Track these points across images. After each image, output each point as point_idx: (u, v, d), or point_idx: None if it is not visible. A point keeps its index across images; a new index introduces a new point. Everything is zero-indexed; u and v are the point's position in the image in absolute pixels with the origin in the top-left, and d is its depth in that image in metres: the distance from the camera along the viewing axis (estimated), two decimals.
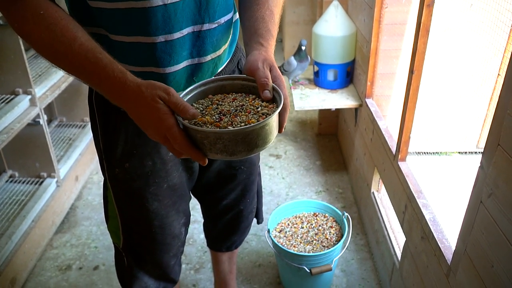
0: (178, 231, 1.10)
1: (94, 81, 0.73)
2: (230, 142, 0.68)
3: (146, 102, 0.70)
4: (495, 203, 0.84)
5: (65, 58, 0.71)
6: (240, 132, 0.67)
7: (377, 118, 1.78)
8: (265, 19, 0.88)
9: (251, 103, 0.76)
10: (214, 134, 0.68)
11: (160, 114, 0.70)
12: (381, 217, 1.71)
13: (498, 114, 0.82)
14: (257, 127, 0.68)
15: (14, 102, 1.74)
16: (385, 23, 1.73)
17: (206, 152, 0.71)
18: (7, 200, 1.89)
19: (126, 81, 0.71)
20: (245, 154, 0.70)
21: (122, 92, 0.71)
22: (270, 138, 0.72)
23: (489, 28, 1.20)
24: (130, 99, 0.71)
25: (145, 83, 0.71)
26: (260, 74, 0.76)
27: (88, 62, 0.70)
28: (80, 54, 0.70)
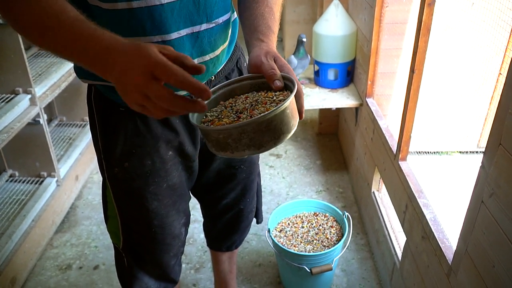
0: (178, 231, 1.10)
1: (80, 47, 0.65)
2: (256, 134, 0.65)
3: (138, 45, 0.62)
4: (497, 203, 0.84)
5: (50, 30, 0.66)
6: (263, 120, 0.64)
7: (378, 117, 1.77)
8: (265, 16, 0.87)
9: (264, 96, 0.75)
10: (236, 129, 0.64)
11: (151, 50, 0.61)
12: (381, 217, 1.71)
13: (499, 113, 0.82)
14: (278, 111, 0.65)
15: (14, 102, 1.74)
16: (386, 22, 1.72)
17: (233, 151, 0.67)
18: (7, 200, 1.89)
19: (118, 38, 0.65)
20: (273, 144, 0.67)
21: (111, 46, 0.63)
22: (293, 123, 0.70)
23: (490, 27, 1.19)
24: (119, 49, 0.63)
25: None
26: (266, 67, 0.75)
27: (76, 28, 0.65)
28: (67, 23, 0.65)
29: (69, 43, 0.66)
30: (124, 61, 0.62)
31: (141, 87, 0.61)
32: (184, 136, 0.98)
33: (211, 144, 0.71)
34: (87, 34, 0.64)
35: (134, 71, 0.61)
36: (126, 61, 0.62)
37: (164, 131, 0.94)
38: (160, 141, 0.95)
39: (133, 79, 0.61)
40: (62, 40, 0.66)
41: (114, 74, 0.63)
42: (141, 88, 0.61)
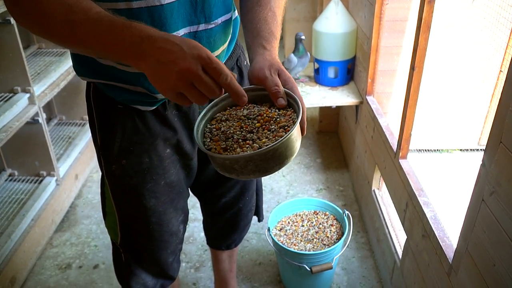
0: (176, 228, 1.09)
1: (112, 40, 0.66)
2: (262, 162, 0.68)
3: (181, 38, 0.65)
4: (497, 201, 0.83)
5: (79, 26, 0.67)
6: (269, 150, 0.67)
7: (378, 115, 1.76)
8: (268, 20, 0.87)
9: (267, 114, 0.76)
10: (243, 158, 0.68)
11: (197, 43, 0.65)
12: (382, 215, 1.70)
13: (500, 111, 0.81)
14: (284, 139, 0.68)
15: (12, 101, 1.73)
16: (386, 20, 1.71)
17: (238, 175, 0.70)
18: (6, 199, 1.89)
19: (155, 29, 0.66)
20: (278, 168, 0.71)
21: (149, 34, 0.65)
22: (297, 146, 0.73)
23: (491, 24, 1.18)
24: (159, 38, 0.65)
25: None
26: (270, 83, 0.75)
27: (105, 22, 0.66)
28: (95, 19, 0.66)
29: (101, 36, 0.67)
30: (172, 50, 0.64)
31: (191, 75, 0.64)
32: (182, 134, 0.97)
33: (216, 165, 0.74)
34: (121, 24, 0.66)
35: (186, 59, 0.63)
36: (178, 49, 0.64)
37: (162, 129, 0.94)
38: (158, 138, 0.94)
39: (184, 66, 0.63)
40: (93, 34, 0.67)
41: (152, 61, 0.65)
42: (191, 76, 0.64)
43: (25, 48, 2.18)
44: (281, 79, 0.77)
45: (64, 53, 2.19)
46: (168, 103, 0.93)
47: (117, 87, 0.88)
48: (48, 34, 0.71)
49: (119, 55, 0.68)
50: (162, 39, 0.65)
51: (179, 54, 0.64)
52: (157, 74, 0.65)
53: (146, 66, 0.65)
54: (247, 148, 0.70)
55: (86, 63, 0.87)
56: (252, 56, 0.83)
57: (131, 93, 0.88)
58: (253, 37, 0.85)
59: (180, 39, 0.65)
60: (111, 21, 0.66)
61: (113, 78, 0.87)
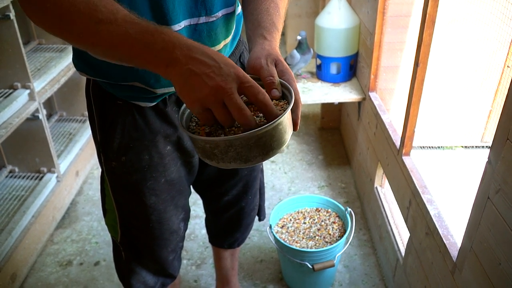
0: (176, 226, 1.08)
1: (143, 39, 0.63)
2: (243, 148, 0.64)
3: (215, 52, 0.63)
4: (503, 199, 0.82)
5: (106, 26, 0.64)
6: (251, 136, 0.63)
7: (381, 112, 1.75)
8: (270, 11, 0.85)
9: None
10: (224, 142, 0.63)
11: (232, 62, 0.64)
12: (384, 213, 1.69)
13: (507, 107, 0.80)
14: (269, 128, 0.63)
15: (12, 97, 1.72)
16: (389, 15, 1.70)
17: (218, 162, 0.66)
18: (7, 196, 1.88)
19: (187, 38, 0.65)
20: (261, 159, 0.66)
21: (182, 39, 0.63)
22: (285, 138, 0.68)
23: (497, 19, 1.17)
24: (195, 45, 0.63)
25: None
26: (265, 72, 0.72)
27: (138, 22, 0.64)
28: (124, 20, 0.64)
29: (130, 38, 0.63)
30: (208, 64, 0.61)
31: (225, 93, 0.61)
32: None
33: (197, 150, 0.70)
34: (153, 28, 0.63)
35: (223, 76, 0.61)
36: (214, 64, 0.61)
37: (163, 125, 0.93)
38: (158, 135, 0.93)
39: (221, 82, 0.60)
40: (121, 36, 0.64)
41: (184, 70, 0.62)
42: (225, 94, 0.61)
43: (25, 43, 2.17)
44: (277, 70, 0.74)
45: (64, 49, 2.17)
46: (169, 99, 0.91)
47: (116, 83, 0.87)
48: (67, 32, 0.67)
49: (147, 60, 0.64)
50: (198, 49, 0.62)
51: (216, 69, 0.61)
52: (189, 84, 0.62)
53: (177, 74, 0.62)
54: (231, 134, 0.66)
55: (85, 59, 0.86)
56: (252, 46, 0.80)
57: (130, 89, 0.87)
58: (254, 28, 0.83)
59: (216, 53, 0.63)
60: (141, 24, 0.64)
61: (110, 75, 0.85)
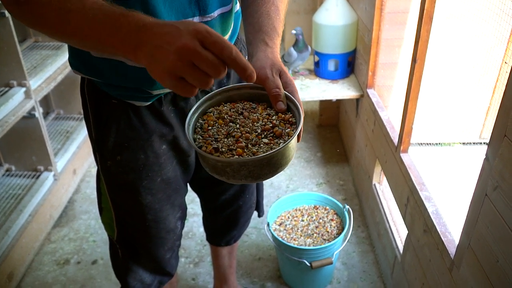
0: (173, 225, 1.08)
1: (108, 29, 0.62)
2: (255, 168, 0.66)
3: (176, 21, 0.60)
4: (501, 196, 0.81)
5: (74, 16, 0.63)
6: (265, 157, 0.65)
7: (379, 108, 1.74)
8: (271, 15, 0.84)
9: (262, 115, 0.73)
10: (238, 163, 0.65)
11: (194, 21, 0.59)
12: (382, 210, 1.69)
13: (504, 104, 0.79)
14: (281, 149, 0.66)
15: (8, 95, 1.71)
16: (387, 12, 1.69)
17: (229, 178, 0.67)
18: (3, 194, 1.87)
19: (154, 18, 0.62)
20: (271, 175, 0.68)
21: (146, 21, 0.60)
22: (292, 154, 0.70)
23: (495, 15, 1.16)
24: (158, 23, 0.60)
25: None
26: (271, 84, 0.71)
27: (105, 8, 0.63)
28: (92, 8, 0.63)
29: (97, 24, 0.62)
30: (167, 31, 0.58)
31: (190, 52, 0.56)
32: (179, 130, 0.95)
33: (206, 166, 0.70)
34: (119, 13, 0.62)
35: (182, 36, 0.56)
36: (173, 29, 0.58)
37: (158, 125, 0.92)
38: (153, 135, 0.92)
39: (180, 43, 0.56)
40: (89, 22, 0.62)
41: (148, 48, 0.59)
42: (189, 54, 0.56)
43: (21, 41, 2.16)
44: (282, 81, 0.74)
45: (61, 47, 2.16)
46: (164, 99, 0.91)
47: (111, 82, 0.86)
48: (41, 25, 0.67)
49: (116, 47, 0.62)
50: (158, 24, 0.59)
51: (175, 33, 0.57)
52: (154, 60, 0.58)
53: (144, 55, 0.59)
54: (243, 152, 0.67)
55: (79, 57, 0.85)
56: (253, 52, 0.79)
57: (125, 88, 0.86)
58: (254, 32, 0.82)
59: (177, 21, 0.60)
60: (108, 9, 0.62)
61: (104, 75, 0.84)
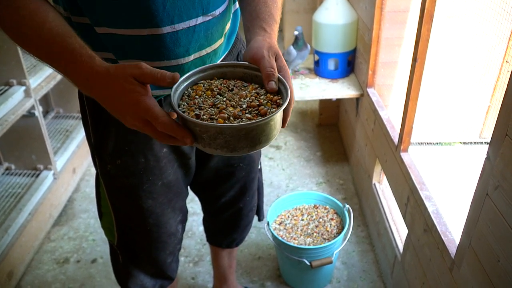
0: (174, 228, 1.07)
1: (62, 68, 0.68)
2: (232, 138, 0.64)
3: (118, 84, 0.64)
4: (502, 195, 0.81)
5: (33, 43, 0.67)
6: (243, 128, 0.63)
7: (379, 108, 1.74)
8: (267, 3, 0.83)
9: (253, 92, 0.72)
10: (215, 128, 0.64)
11: (135, 95, 0.64)
12: (382, 209, 1.68)
13: (506, 102, 0.79)
14: (261, 122, 0.64)
15: (8, 93, 1.71)
16: (387, 11, 1.68)
17: (205, 146, 0.66)
18: (3, 193, 1.87)
19: (94, 66, 0.65)
20: (247, 151, 0.67)
21: (90, 77, 0.66)
22: (273, 134, 0.68)
23: (496, 13, 1.16)
24: (100, 85, 0.66)
25: (114, 66, 0.66)
26: (266, 63, 0.71)
27: (56, 46, 0.66)
28: (49, 38, 0.66)
29: (52, 60, 0.68)
30: (114, 103, 0.66)
31: (139, 128, 0.67)
32: None
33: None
34: (67, 55, 0.66)
35: (129, 115, 0.66)
36: (118, 104, 0.66)
37: None
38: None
39: (130, 122, 0.67)
40: (45, 54, 0.68)
41: (104, 105, 0.68)
42: (139, 128, 0.68)
43: None
44: (277, 64, 0.73)
45: None
46: (164, 101, 0.90)
47: None
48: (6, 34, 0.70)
49: (71, 80, 0.69)
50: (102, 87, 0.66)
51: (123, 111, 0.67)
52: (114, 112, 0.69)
53: (101, 101, 0.69)
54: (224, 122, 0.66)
55: None
56: (250, 38, 0.79)
57: None
58: (252, 19, 0.81)
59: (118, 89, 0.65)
60: (63, 42, 0.66)
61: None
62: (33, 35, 0.66)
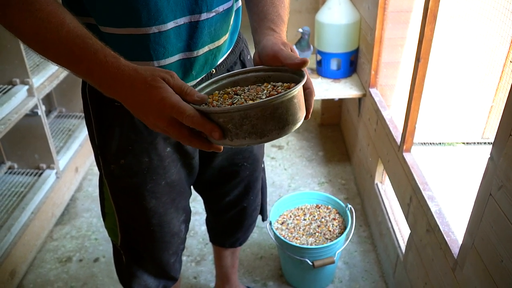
0: (177, 228, 1.07)
1: (84, 70, 0.66)
2: (259, 120, 0.61)
3: (145, 82, 0.63)
4: (506, 196, 0.81)
5: (52, 46, 0.65)
6: (268, 106, 0.61)
7: (381, 108, 1.74)
8: (275, 3, 0.83)
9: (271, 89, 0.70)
10: (239, 113, 0.61)
11: (161, 91, 0.62)
12: (384, 209, 1.68)
13: (510, 102, 0.79)
14: (285, 98, 0.61)
15: (11, 93, 1.71)
16: (390, 11, 1.68)
17: (233, 139, 0.63)
18: (6, 192, 1.87)
19: (120, 66, 0.64)
20: (277, 134, 0.63)
21: (116, 77, 0.64)
22: (300, 115, 0.66)
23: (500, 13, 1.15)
24: (126, 84, 0.64)
25: (143, 66, 0.66)
26: (285, 52, 0.71)
27: (77, 48, 0.64)
28: (68, 40, 0.64)
29: (72, 62, 0.65)
30: (138, 102, 0.64)
31: (162, 129, 0.66)
32: None
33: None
34: (90, 57, 0.64)
35: (152, 114, 0.64)
36: (142, 103, 0.64)
37: None
38: (157, 137, 0.91)
39: (153, 121, 0.65)
40: (65, 57, 0.65)
41: (127, 105, 0.67)
42: (162, 129, 0.66)
43: None
44: None
45: None
46: None
47: None
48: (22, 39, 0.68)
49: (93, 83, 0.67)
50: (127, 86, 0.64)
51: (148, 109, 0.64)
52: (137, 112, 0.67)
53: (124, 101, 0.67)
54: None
55: None
56: (259, 39, 0.78)
57: None
58: (259, 20, 0.81)
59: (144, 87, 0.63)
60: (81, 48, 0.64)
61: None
62: (52, 37, 0.64)
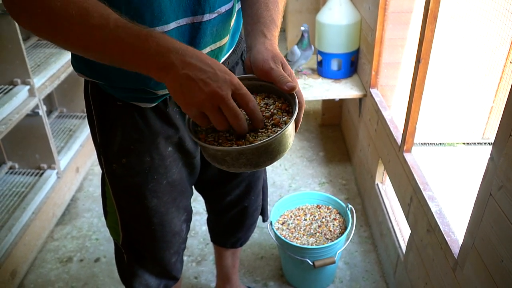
0: (178, 228, 1.07)
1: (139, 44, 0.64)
2: (253, 156, 0.68)
3: (207, 57, 0.66)
4: (506, 196, 0.81)
5: (99, 30, 0.64)
6: (262, 146, 0.67)
7: (382, 108, 1.74)
8: (269, 6, 0.84)
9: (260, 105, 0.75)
10: (236, 151, 0.67)
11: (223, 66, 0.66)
12: (385, 209, 1.68)
13: (510, 102, 0.79)
14: (278, 136, 0.68)
15: (12, 93, 1.71)
16: (391, 11, 1.69)
17: (229, 167, 0.70)
18: (7, 192, 1.88)
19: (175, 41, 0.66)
20: (269, 163, 0.70)
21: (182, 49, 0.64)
22: (290, 142, 0.72)
23: (500, 14, 1.16)
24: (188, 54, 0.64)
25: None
26: (276, 73, 0.73)
27: (132, 27, 0.64)
28: (117, 24, 0.64)
29: (121, 43, 0.64)
30: (205, 70, 0.64)
31: (221, 99, 0.64)
32: (184, 132, 0.95)
33: (207, 155, 0.73)
34: (145, 33, 0.64)
35: (219, 82, 0.63)
36: (210, 70, 0.64)
37: (163, 126, 0.91)
38: (159, 136, 0.91)
39: (216, 88, 0.63)
40: (113, 40, 0.64)
41: (180, 74, 0.63)
42: (220, 99, 0.64)
43: (24, 39, 2.16)
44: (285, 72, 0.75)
45: None
46: (169, 100, 0.90)
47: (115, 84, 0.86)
48: (59, 36, 0.67)
49: (140, 65, 0.65)
50: (193, 54, 0.65)
51: (212, 75, 0.64)
52: (185, 88, 0.64)
53: (172, 78, 0.64)
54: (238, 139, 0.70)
55: (83, 60, 0.84)
56: (252, 44, 0.80)
57: (130, 90, 0.85)
58: (253, 23, 0.82)
59: (210, 59, 0.65)
60: (133, 28, 0.65)
61: (109, 77, 0.84)
62: (100, 21, 0.64)
